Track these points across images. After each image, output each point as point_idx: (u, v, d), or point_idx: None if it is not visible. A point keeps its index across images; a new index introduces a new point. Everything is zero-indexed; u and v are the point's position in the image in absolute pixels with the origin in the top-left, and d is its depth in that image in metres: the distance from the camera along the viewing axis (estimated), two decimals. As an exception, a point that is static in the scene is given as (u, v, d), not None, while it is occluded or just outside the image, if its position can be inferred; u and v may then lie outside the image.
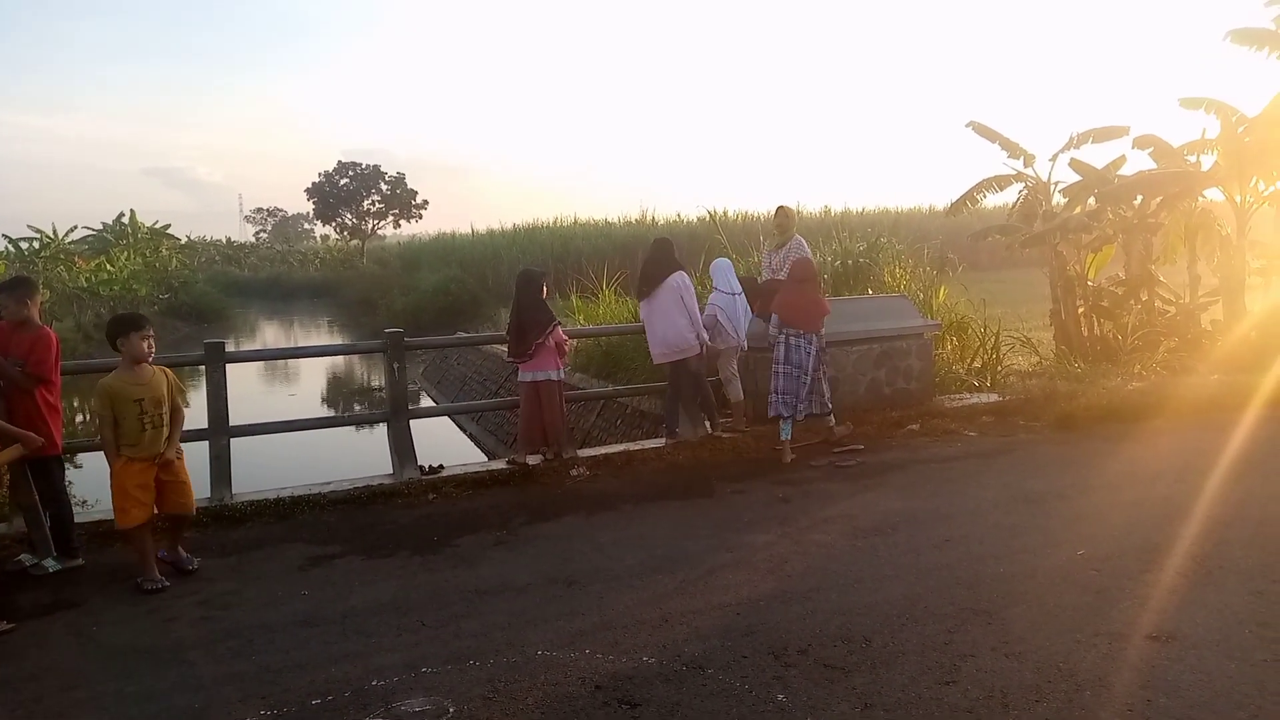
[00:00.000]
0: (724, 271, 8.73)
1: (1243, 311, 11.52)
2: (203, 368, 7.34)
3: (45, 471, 5.58)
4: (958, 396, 9.80)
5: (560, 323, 7.73)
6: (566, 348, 7.72)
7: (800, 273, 8.10)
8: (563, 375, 7.67)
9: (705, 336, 8.09)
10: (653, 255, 8.46)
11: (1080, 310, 12.04)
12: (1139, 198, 12.28)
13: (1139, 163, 13.44)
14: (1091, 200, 12.43)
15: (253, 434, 7.49)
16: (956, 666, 3.94)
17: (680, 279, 8.08)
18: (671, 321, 8.05)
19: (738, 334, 8.50)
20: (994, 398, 9.61)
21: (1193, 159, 12.38)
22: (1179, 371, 10.27)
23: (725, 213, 32.76)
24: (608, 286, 14.93)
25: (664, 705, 3.71)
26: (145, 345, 5.35)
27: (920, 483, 6.95)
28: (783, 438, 7.74)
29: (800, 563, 5.30)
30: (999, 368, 11.09)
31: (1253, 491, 6.26)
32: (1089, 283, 12.32)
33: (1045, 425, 8.57)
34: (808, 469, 7.41)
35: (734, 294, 8.57)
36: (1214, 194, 12.38)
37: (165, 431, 5.39)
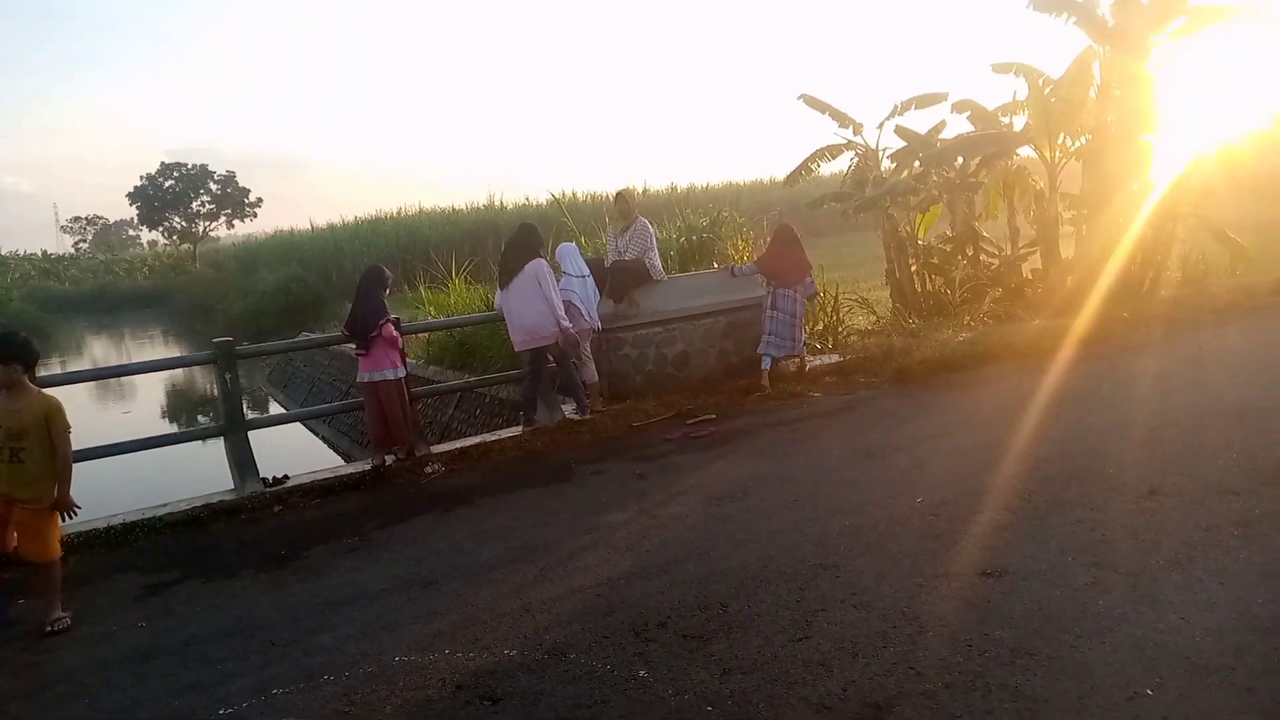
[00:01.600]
0: (571, 255, 8.71)
1: (1059, 259, 12.33)
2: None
3: None
4: (811, 359, 10.09)
5: (395, 318, 7.49)
6: (401, 344, 7.48)
7: (783, 236, 9.41)
8: (402, 373, 7.45)
9: (567, 324, 8.04)
10: (513, 241, 8.34)
11: (913, 268, 12.61)
12: (960, 159, 12.93)
13: (958, 126, 14.19)
14: (917, 164, 12.99)
15: (76, 462, 6.95)
16: (809, 622, 4.07)
17: (539, 266, 8.00)
18: (531, 309, 7.98)
19: (590, 316, 8.51)
20: (836, 358, 9.97)
21: (1006, 120, 13.11)
22: (1004, 320, 10.92)
23: (574, 195, 32.74)
24: (458, 275, 14.66)
25: (526, 696, 3.68)
26: None
27: (769, 447, 7.14)
28: (764, 368, 9.00)
29: (657, 537, 5.36)
30: (840, 329, 11.51)
31: (1071, 428, 6.71)
32: (920, 242, 12.91)
33: (884, 381, 8.96)
34: (662, 443, 7.50)
35: (583, 276, 8.58)
36: (1027, 151, 13.16)
37: (27, 468, 4.91)
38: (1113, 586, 4.09)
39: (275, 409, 20.41)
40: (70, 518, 5.21)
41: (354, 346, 7.51)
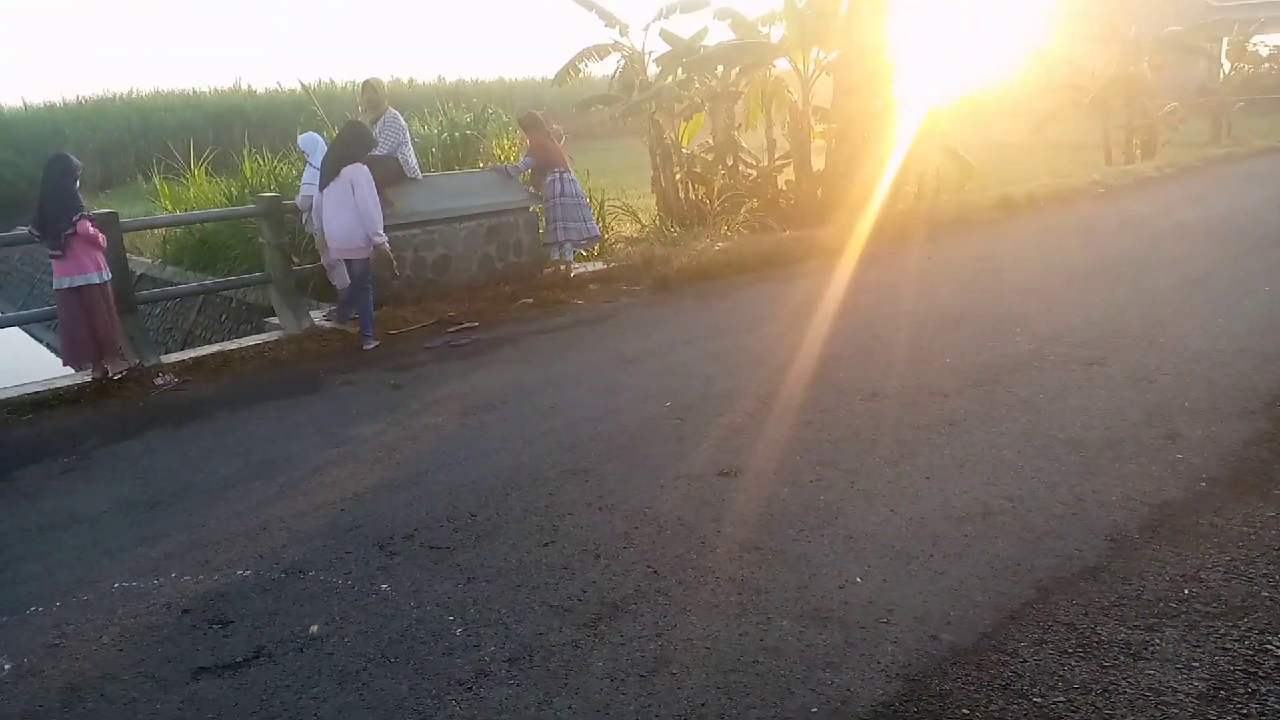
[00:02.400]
0: (315, 146, 8.15)
1: (810, 173, 12.95)
2: None
3: None
4: (578, 266, 10.11)
5: (89, 214, 6.62)
6: (103, 242, 6.66)
7: (537, 121, 9.62)
8: (108, 275, 6.68)
9: (381, 237, 7.43)
10: (335, 141, 7.70)
11: (677, 177, 12.84)
12: (720, 68, 13.17)
13: (721, 34, 14.35)
14: (680, 70, 13.12)
15: None
16: (555, 527, 4.15)
17: (356, 172, 7.30)
18: (339, 217, 7.36)
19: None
20: (600, 266, 10.06)
21: (766, 30, 13.44)
22: (759, 230, 11.40)
23: (332, 83, 30.64)
24: (198, 166, 13.42)
25: (259, 617, 3.54)
26: None
27: (530, 355, 7.15)
28: (568, 258, 9.56)
29: (409, 449, 5.25)
30: (606, 236, 11.59)
31: (810, 334, 7.15)
32: (684, 150, 13.14)
33: (645, 289, 9.16)
34: (421, 352, 7.32)
35: None
36: (784, 64, 13.60)
37: None
38: (835, 483, 4.44)
39: (-14, 312, 18.17)
40: None
41: (48, 249, 6.58)
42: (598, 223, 11.67)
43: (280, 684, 3.11)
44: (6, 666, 3.35)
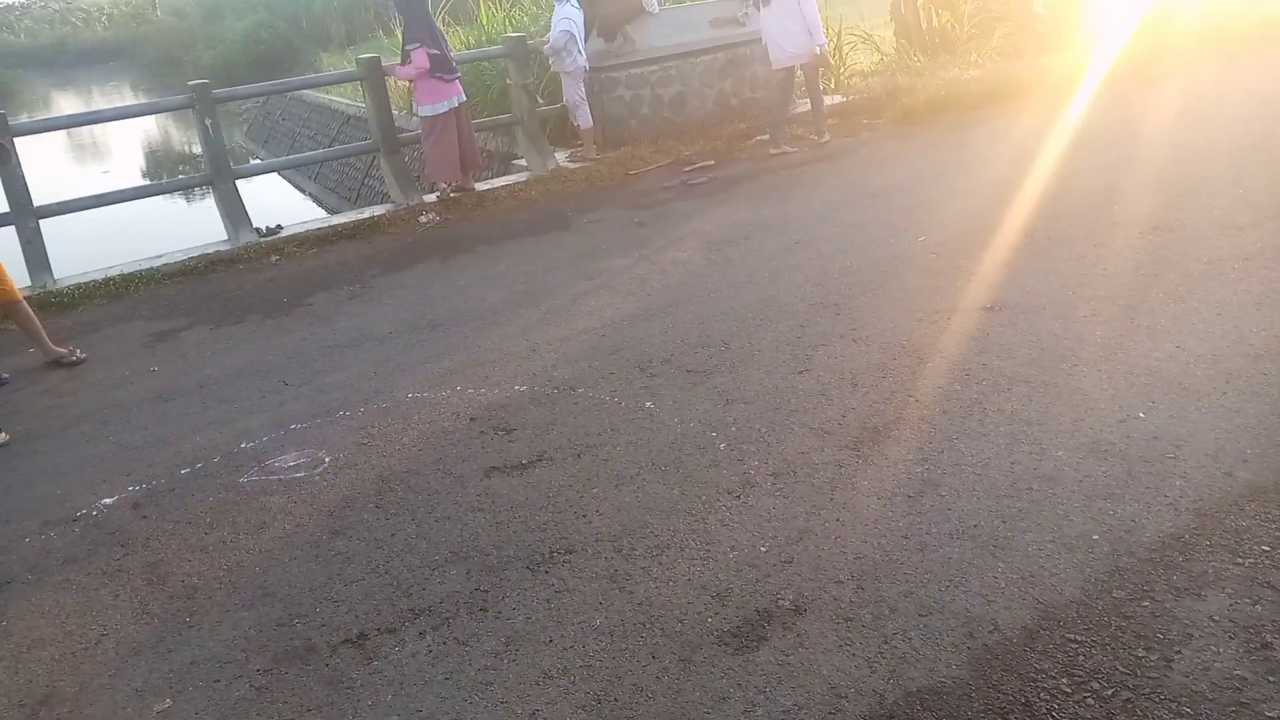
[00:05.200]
0: None
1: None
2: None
3: None
4: (804, 101, 9.74)
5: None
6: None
7: None
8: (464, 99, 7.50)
9: (823, 40, 8.00)
10: None
11: (919, 2, 11.89)
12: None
13: None
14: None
15: (63, 213, 6.85)
16: (809, 356, 4.16)
17: None
18: (791, 28, 7.82)
19: (584, 53, 8.07)
20: (839, 99, 9.62)
21: None
22: (1012, 57, 10.44)
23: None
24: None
25: (538, 426, 3.82)
26: None
27: (769, 191, 7.03)
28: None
29: (659, 281, 5.38)
30: (843, 68, 11.01)
31: (1077, 165, 6.57)
32: (927, -27, 12.10)
33: (887, 122, 8.69)
34: (661, 190, 7.37)
35: (580, 9, 8.05)
36: None
37: None
38: (1112, 318, 4.15)
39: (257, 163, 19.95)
40: None
41: (436, 73, 7.20)
42: (834, 54, 11.12)
43: (563, 483, 3.37)
44: (326, 459, 3.81)
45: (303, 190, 16.93)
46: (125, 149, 22.90)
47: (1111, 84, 8.83)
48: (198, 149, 21.70)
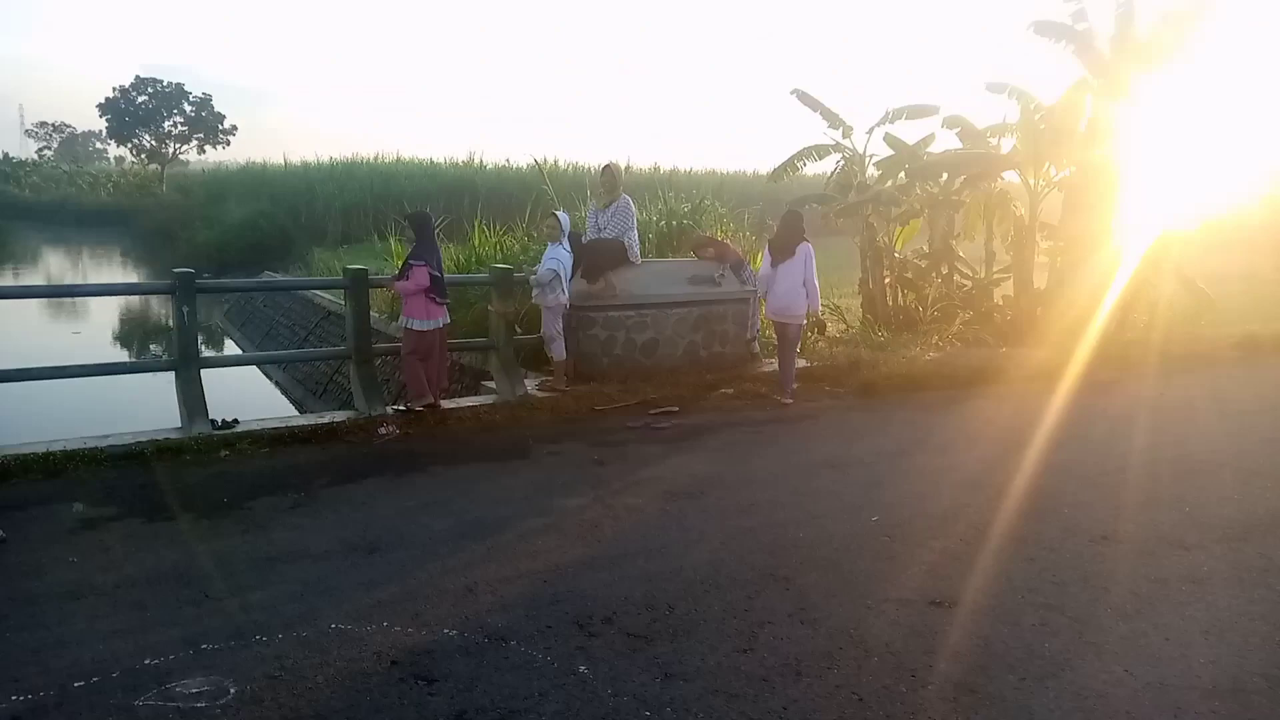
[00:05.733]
0: (565, 225, 8.57)
1: (1031, 289, 12.42)
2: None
3: None
4: (770, 361, 10.06)
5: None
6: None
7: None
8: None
9: (817, 306, 8.78)
10: (786, 223, 8.82)
11: (887, 281, 12.62)
12: (944, 175, 12.95)
13: (947, 141, 14.17)
14: (902, 175, 13.00)
15: (17, 379, 6.75)
16: (754, 634, 4.03)
17: (809, 249, 8.56)
18: (792, 289, 8.51)
19: (567, 291, 8.38)
20: (803, 364, 9.94)
21: (995, 142, 13.15)
22: (972, 343, 10.97)
23: (555, 163, 32.35)
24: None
25: (461, 680, 3.61)
26: None
27: (731, 446, 7.11)
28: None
29: (611, 527, 5.30)
30: (810, 334, 11.48)
31: (1030, 462, 6.74)
32: (896, 254, 12.93)
33: (849, 392, 8.96)
34: (624, 430, 7.43)
35: (569, 251, 8.44)
36: (1011, 176, 13.22)
37: None
38: (1060, 630, 4.10)
39: (231, 348, 20.04)
40: None
41: (431, 294, 7.54)
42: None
43: (480, 754, 3.14)
44: (232, 690, 3.55)
45: (270, 378, 16.92)
46: (103, 310, 22.99)
47: (1065, 384, 9.24)
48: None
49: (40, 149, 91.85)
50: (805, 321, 8.88)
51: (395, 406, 7.70)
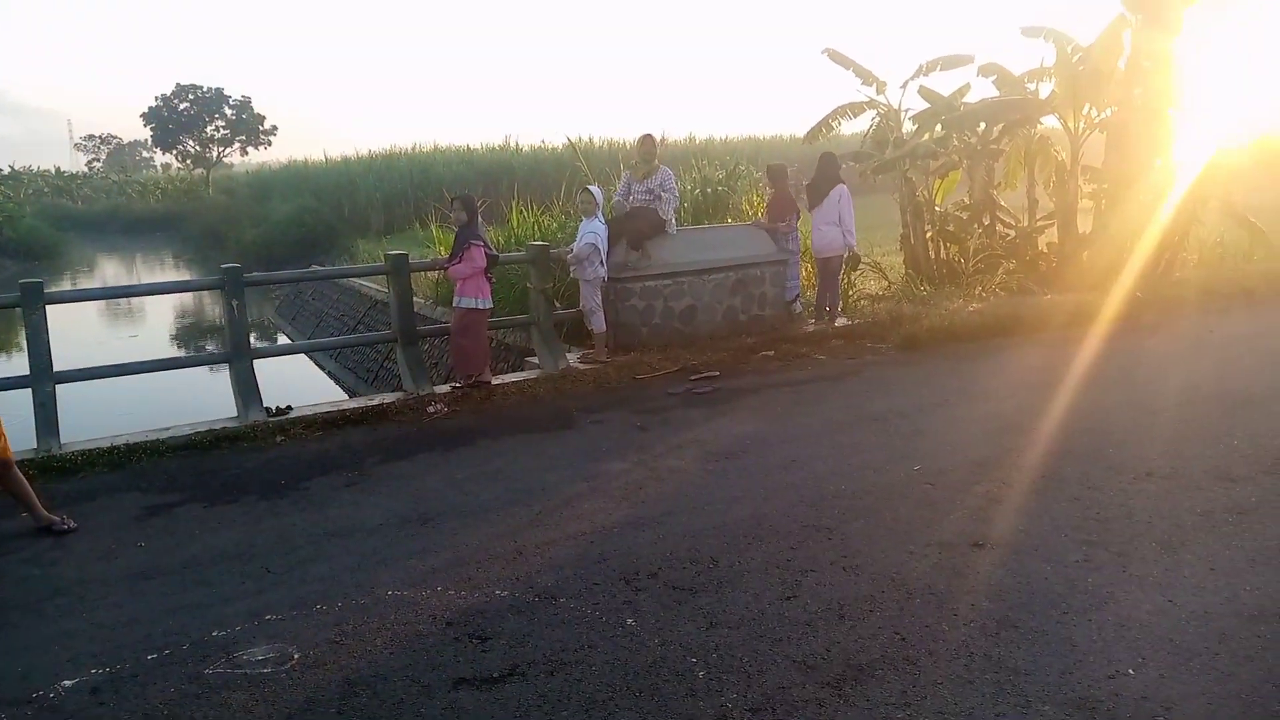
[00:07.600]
0: (600, 201, 8.63)
1: (1076, 234, 12.20)
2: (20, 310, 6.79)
3: None
4: (811, 321, 10.07)
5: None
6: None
7: (792, 178, 10.62)
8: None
9: (853, 242, 9.81)
10: (822, 169, 10.03)
11: (928, 235, 12.49)
12: (982, 124, 12.73)
13: (983, 90, 13.94)
14: (939, 127, 12.81)
15: (81, 379, 7.04)
16: (798, 582, 4.10)
17: (843, 190, 9.72)
18: (829, 228, 9.66)
19: (605, 264, 8.46)
20: (844, 322, 9.93)
21: (1032, 87, 12.88)
22: (1016, 292, 10.85)
23: (590, 140, 32.40)
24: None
25: (514, 637, 3.73)
26: None
27: (771, 406, 7.15)
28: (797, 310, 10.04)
29: (654, 488, 5.39)
30: (850, 292, 11.44)
31: (1073, 405, 6.70)
32: (936, 208, 12.78)
33: (891, 347, 8.94)
34: (665, 397, 7.51)
35: (605, 224, 8.53)
36: (1051, 121, 12.96)
37: None
38: (1103, 565, 4.11)
39: (283, 341, 20.47)
40: None
41: (489, 273, 7.79)
42: (843, 279, 11.58)
43: (532, 703, 3.26)
44: (296, 655, 3.72)
45: (323, 368, 17.28)
46: (157, 313, 23.63)
47: (1111, 327, 9.12)
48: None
49: (90, 161, 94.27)
50: (844, 255, 9.81)
51: (454, 384, 7.89)
